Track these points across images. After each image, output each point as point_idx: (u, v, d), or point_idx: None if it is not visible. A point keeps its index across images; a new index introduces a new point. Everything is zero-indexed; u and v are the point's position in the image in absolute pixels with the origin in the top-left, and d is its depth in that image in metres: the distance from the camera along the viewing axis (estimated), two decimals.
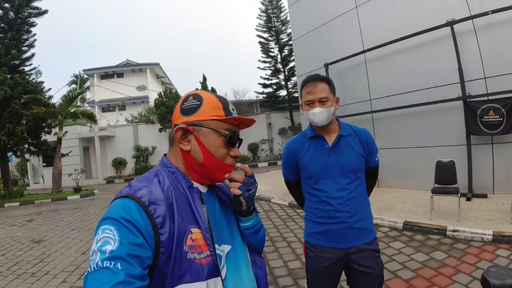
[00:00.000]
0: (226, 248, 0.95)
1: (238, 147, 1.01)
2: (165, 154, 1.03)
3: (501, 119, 6.18)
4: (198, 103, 0.94)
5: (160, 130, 21.29)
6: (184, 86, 71.14)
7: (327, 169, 1.80)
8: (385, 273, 3.91)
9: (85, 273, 0.68)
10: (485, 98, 6.48)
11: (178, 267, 0.80)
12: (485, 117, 6.38)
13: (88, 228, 7.45)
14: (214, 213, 0.97)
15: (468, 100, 6.66)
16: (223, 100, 0.97)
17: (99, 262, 0.67)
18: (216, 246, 0.89)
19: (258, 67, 25.93)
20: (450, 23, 6.79)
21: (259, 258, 1.10)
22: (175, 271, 0.79)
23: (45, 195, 14.45)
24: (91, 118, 16.57)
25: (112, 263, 0.67)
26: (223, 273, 0.88)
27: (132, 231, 0.74)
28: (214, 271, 0.84)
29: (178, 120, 0.95)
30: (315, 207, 1.86)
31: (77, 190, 14.82)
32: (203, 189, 0.98)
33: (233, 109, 0.98)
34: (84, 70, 30.82)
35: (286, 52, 24.68)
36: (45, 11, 16.22)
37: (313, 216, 1.88)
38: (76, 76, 32.85)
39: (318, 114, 1.74)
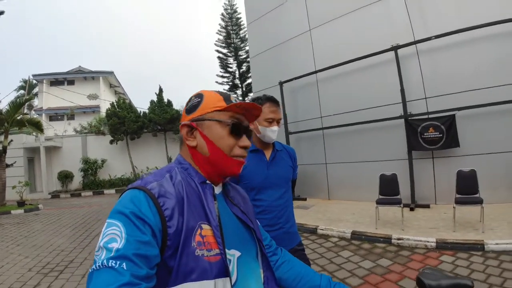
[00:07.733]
0: (236, 253, 0.89)
1: (249, 137, 1.00)
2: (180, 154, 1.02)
3: (441, 135, 6.75)
4: (199, 99, 0.96)
5: (111, 142, 19.85)
6: (139, 98, 68.99)
7: (268, 181, 1.99)
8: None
9: (90, 270, 0.68)
10: (426, 116, 7.06)
11: (185, 264, 0.77)
12: (425, 134, 6.95)
13: (34, 245, 6.97)
14: (224, 214, 0.93)
15: (409, 118, 7.21)
16: (223, 93, 0.98)
17: (105, 261, 0.66)
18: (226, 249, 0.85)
19: (217, 82, 26.13)
20: (395, 48, 7.36)
21: (272, 278, 1.02)
22: (181, 268, 0.76)
23: None
24: (37, 126, 15.46)
25: (118, 262, 0.66)
26: (233, 278, 0.84)
27: (140, 228, 0.73)
28: (223, 271, 0.81)
29: (183, 120, 0.98)
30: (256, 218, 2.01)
31: (21, 204, 13.66)
32: (216, 190, 0.97)
33: (235, 100, 0.98)
34: (33, 76, 28.60)
35: (244, 68, 25.03)
36: (2, 12, 14.93)
37: None
38: (25, 82, 30.62)
39: (276, 132, 1.99)
